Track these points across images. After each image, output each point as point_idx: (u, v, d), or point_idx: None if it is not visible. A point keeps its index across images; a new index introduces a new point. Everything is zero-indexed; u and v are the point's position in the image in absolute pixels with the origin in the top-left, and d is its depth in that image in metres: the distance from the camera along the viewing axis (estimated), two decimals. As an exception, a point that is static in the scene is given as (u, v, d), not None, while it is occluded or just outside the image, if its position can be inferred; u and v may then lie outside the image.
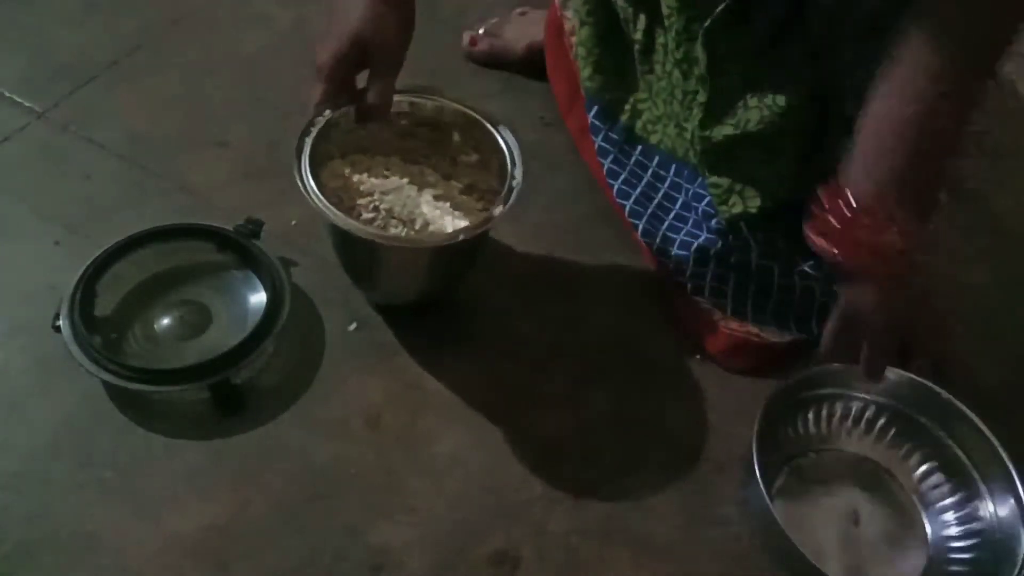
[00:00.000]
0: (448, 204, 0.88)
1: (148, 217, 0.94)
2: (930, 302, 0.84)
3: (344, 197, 0.87)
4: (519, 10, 1.26)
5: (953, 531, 0.82)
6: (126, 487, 0.79)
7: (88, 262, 0.86)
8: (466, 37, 1.24)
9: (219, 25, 1.27)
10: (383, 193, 0.87)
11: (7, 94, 1.12)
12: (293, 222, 1.01)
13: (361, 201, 0.86)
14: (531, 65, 1.19)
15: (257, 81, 1.19)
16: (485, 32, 1.24)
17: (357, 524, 0.79)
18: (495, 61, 1.24)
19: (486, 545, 0.79)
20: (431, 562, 0.78)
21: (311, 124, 0.84)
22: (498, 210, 0.82)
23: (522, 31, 1.21)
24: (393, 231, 0.85)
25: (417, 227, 0.86)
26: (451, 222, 0.86)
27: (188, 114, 1.13)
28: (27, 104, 1.11)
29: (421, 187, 0.89)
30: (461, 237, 0.80)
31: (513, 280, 0.99)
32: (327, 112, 0.84)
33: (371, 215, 0.86)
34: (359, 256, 0.87)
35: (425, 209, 0.87)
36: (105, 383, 0.83)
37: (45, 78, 1.14)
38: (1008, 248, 1.14)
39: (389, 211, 0.86)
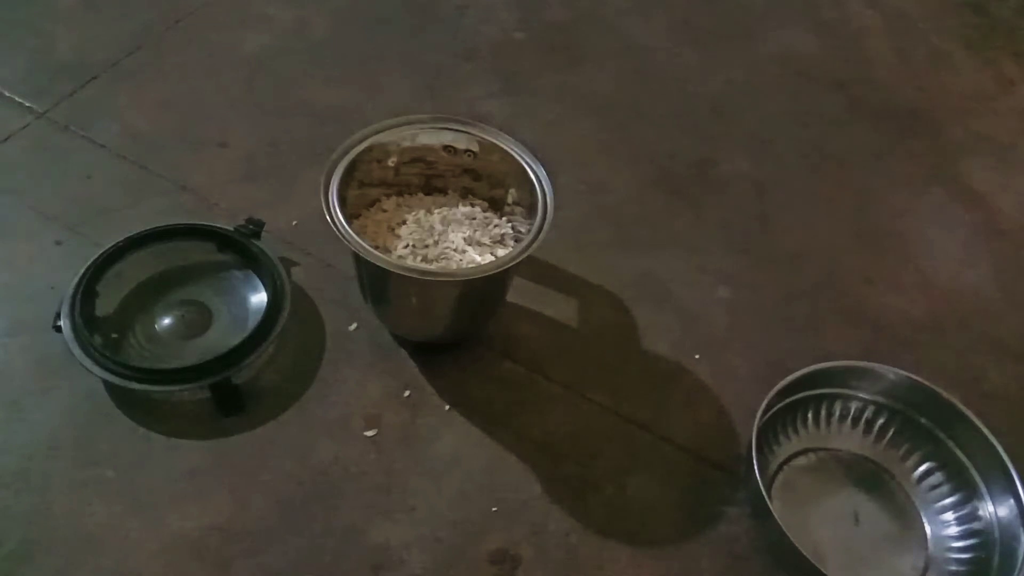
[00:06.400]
0: (476, 240, 0.88)
1: (148, 217, 0.94)
2: None
3: (374, 232, 0.87)
4: None
5: (953, 531, 0.82)
6: (126, 486, 0.79)
7: (89, 262, 0.86)
8: None
9: (219, 25, 1.27)
10: (412, 228, 0.88)
11: (8, 94, 1.12)
12: (294, 222, 1.01)
13: (392, 238, 0.87)
14: None
15: (257, 81, 1.19)
16: None
17: (357, 523, 0.79)
18: None
19: (486, 544, 0.79)
20: (431, 561, 0.78)
21: (336, 162, 0.83)
22: (530, 242, 0.80)
23: None
24: (424, 266, 0.83)
25: (450, 263, 0.85)
26: (479, 257, 0.86)
27: (188, 114, 1.13)
28: (28, 104, 1.11)
29: (449, 222, 0.89)
30: (494, 270, 0.78)
31: (513, 280, 0.99)
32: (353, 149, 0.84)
33: (405, 251, 0.86)
34: (387, 290, 0.86)
35: (454, 245, 0.87)
36: (106, 383, 0.83)
37: (46, 78, 1.14)
38: (1008, 248, 1.14)
39: (416, 246, 0.86)
